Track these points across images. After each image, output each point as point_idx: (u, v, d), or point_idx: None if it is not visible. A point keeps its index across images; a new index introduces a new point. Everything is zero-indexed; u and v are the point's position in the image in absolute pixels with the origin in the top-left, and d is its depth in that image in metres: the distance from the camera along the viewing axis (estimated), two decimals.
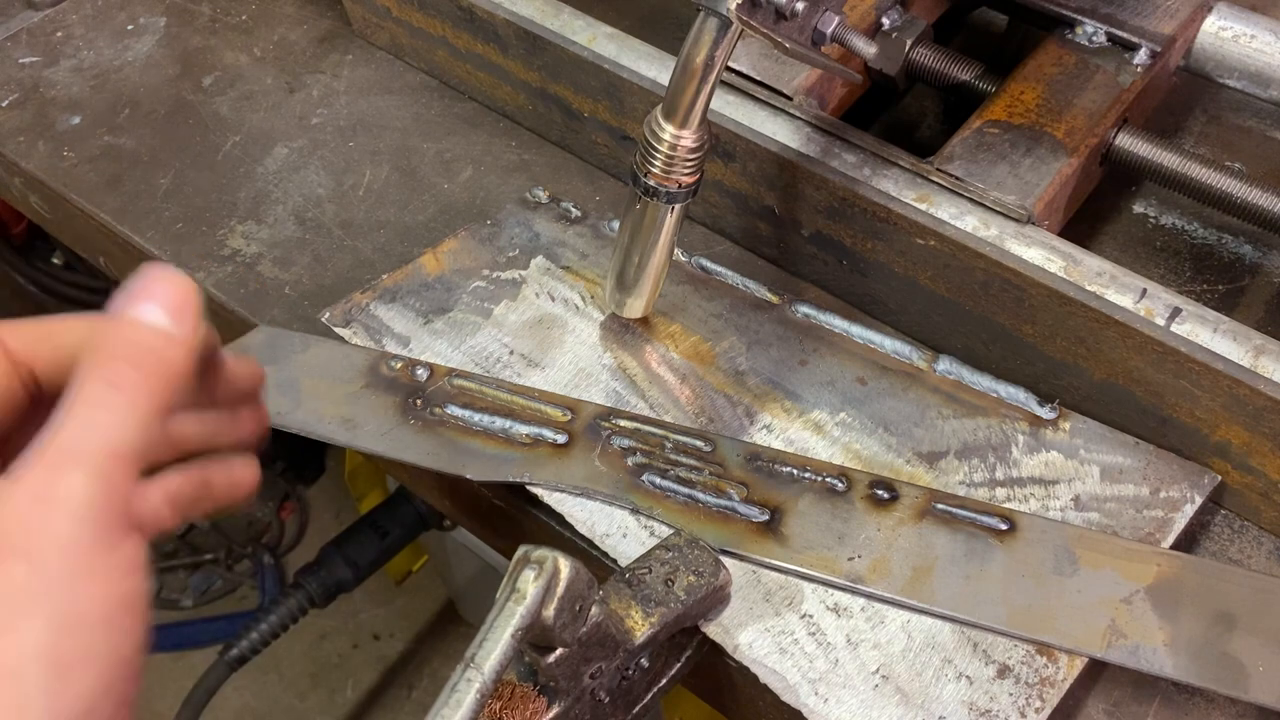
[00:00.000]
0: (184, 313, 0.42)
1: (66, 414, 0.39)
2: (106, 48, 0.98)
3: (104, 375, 0.39)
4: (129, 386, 0.39)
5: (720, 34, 0.59)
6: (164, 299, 0.42)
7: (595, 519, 0.65)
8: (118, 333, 0.41)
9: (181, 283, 0.42)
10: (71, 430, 0.38)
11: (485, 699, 0.46)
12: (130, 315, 0.41)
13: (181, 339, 0.42)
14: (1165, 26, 0.75)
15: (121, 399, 0.39)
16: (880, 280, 0.74)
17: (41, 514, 0.37)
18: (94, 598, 0.37)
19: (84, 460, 0.38)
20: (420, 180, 0.87)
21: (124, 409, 0.39)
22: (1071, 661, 0.59)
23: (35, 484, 0.37)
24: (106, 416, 0.39)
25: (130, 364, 0.40)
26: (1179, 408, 0.65)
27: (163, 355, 0.41)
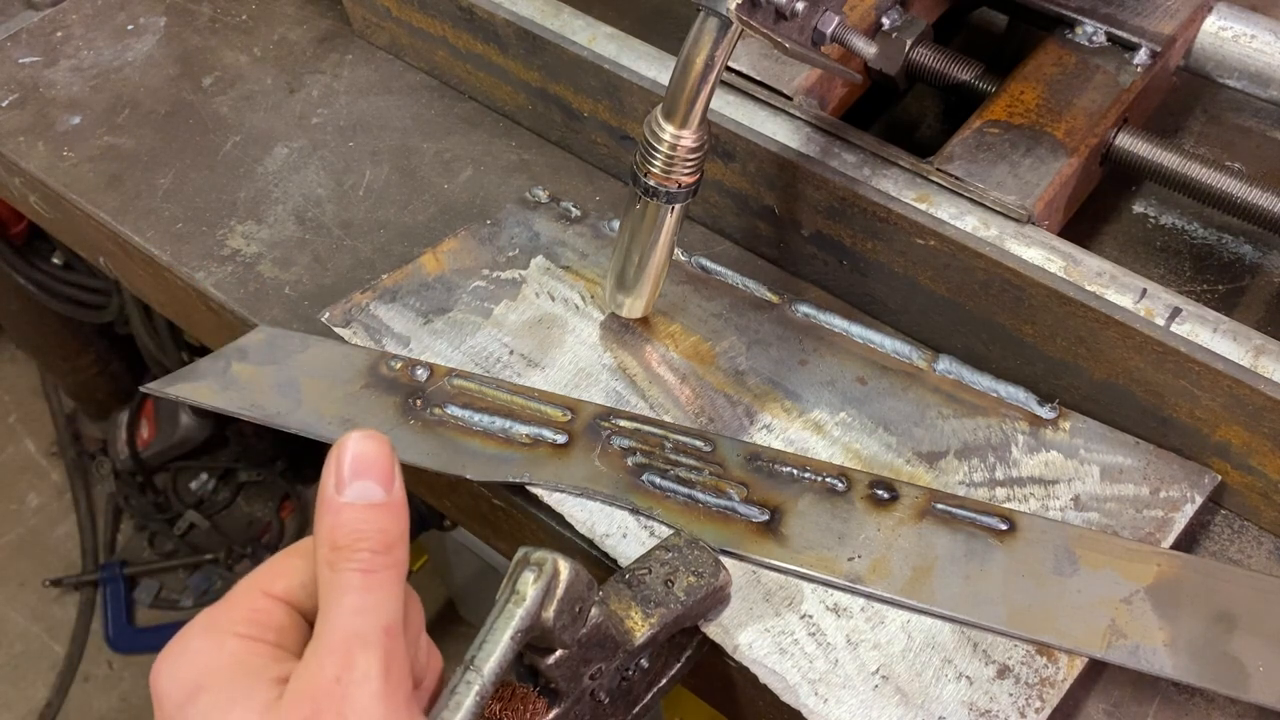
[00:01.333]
0: (390, 478, 0.46)
1: (336, 602, 0.44)
2: (106, 48, 0.98)
3: (354, 565, 0.44)
4: (378, 568, 0.44)
5: (720, 34, 0.58)
6: (370, 471, 0.46)
7: (595, 519, 0.65)
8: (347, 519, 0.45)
9: (381, 448, 0.46)
10: (348, 617, 0.43)
11: (485, 700, 0.46)
12: (349, 498, 0.45)
13: (396, 502, 0.46)
14: (1165, 26, 0.75)
15: (376, 580, 0.44)
16: (880, 280, 0.74)
17: (345, 692, 0.42)
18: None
19: (369, 640, 0.43)
20: (420, 180, 0.86)
21: (381, 589, 0.44)
22: (1071, 661, 0.59)
23: (333, 666, 0.42)
24: (371, 599, 0.44)
25: (370, 550, 0.45)
26: (1179, 408, 0.65)
27: (389, 529, 0.45)
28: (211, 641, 0.45)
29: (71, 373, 2.03)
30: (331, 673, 0.42)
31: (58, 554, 2.10)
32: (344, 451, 0.46)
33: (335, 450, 0.46)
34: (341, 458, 0.46)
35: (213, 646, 0.45)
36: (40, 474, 2.21)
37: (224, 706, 0.43)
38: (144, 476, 2.05)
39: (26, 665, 1.98)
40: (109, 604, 2.00)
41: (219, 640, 0.45)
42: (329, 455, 0.47)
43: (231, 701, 0.43)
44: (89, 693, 1.96)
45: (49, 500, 2.17)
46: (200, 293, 0.81)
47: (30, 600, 2.05)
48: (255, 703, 0.43)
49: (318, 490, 0.47)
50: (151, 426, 2.04)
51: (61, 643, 1.99)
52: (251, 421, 0.71)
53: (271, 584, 0.47)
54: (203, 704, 0.43)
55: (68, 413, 2.17)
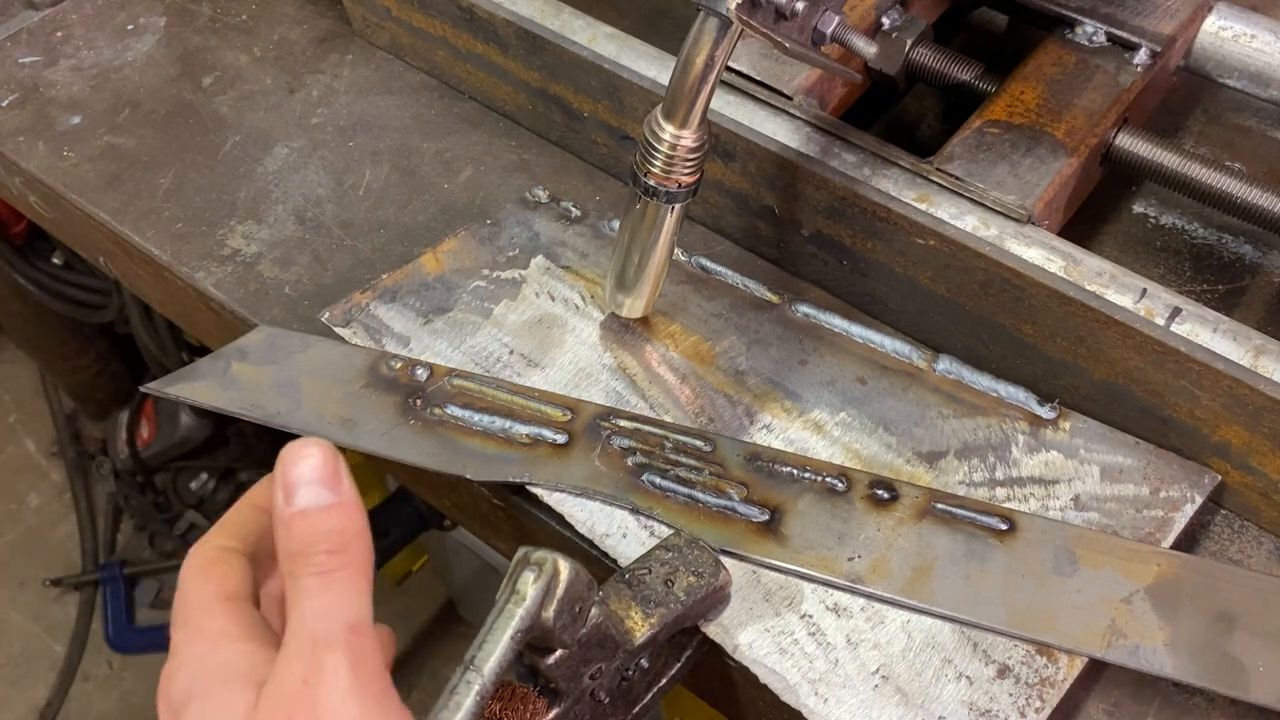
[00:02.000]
0: (337, 478, 0.46)
1: (297, 606, 0.45)
2: (106, 48, 0.98)
3: (312, 569, 0.45)
4: (335, 567, 0.45)
5: (720, 34, 0.58)
6: (314, 475, 0.46)
7: (595, 519, 0.65)
8: (297, 526, 0.46)
9: (319, 451, 0.47)
10: (312, 619, 0.44)
11: (485, 700, 0.46)
12: (297, 507, 0.46)
13: (347, 501, 0.46)
14: (1165, 26, 0.75)
15: (334, 580, 0.45)
16: (880, 280, 0.74)
17: (314, 695, 0.42)
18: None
19: (333, 641, 0.43)
20: (420, 180, 0.86)
21: (341, 588, 0.45)
22: (1071, 661, 0.59)
23: (300, 670, 0.43)
24: (330, 600, 0.44)
25: (325, 551, 0.45)
26: (1179, 407, 0.65)
27: (342, 528, 0.46)
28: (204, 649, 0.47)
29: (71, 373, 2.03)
30: (299, 675, 0.43)
31: (58, 554, 2.10)
32: (286, 463, 0.47)
33: (278, 464, 0.47)
34: (286, 470, 0.47)
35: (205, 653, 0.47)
36: (40, 474, 2.21)
37: (209, 713, 0.45)
38: (144, 476, 2.05)
39: (26, 665, 1.98)
40: (109, 604, 2.00)
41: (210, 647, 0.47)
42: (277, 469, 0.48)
43: (215, 709, 0.44)
44: (89, 693, 1.96)
45: (49, 500, 2.17)
46: (200, 293, 0.81)
47: (30, 600, 2.05)
48: (236, 709, 0.44)
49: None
50: (151, 426, 2.04)
51: (61, 643, 1.99)
52: (251, 421, 0.71)
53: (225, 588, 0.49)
54: (192, 712, 0.45)
55: (68, 413, 2.17)
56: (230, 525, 0.53)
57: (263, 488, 0.53)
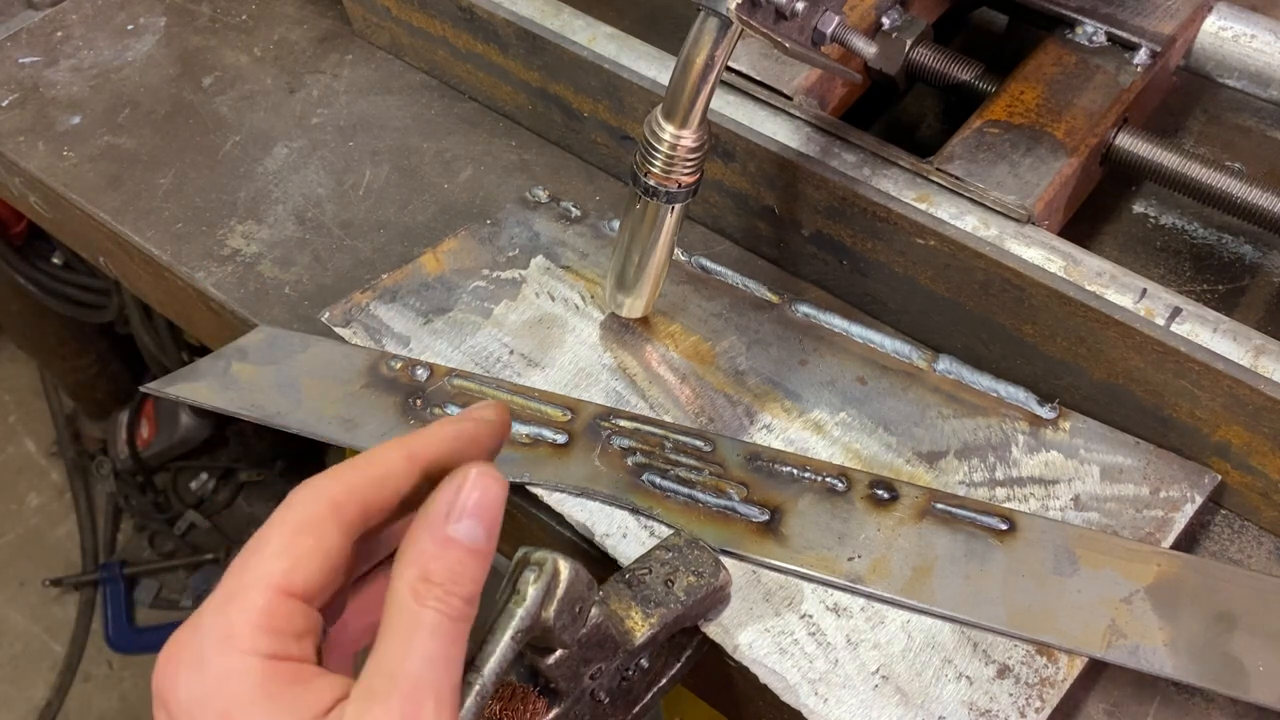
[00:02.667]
0: (495, 528, 0.44)
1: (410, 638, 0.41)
2: (106, 48, 0.98)
3: (442, 607, 0.42)
4: (464, 618, 0.42)
5: (720, 34, 0.58)
6: (485, 514, 0.43)
7: (595, 519, 0.65)
8: (449, 555, 0.43)
9: (500, 494, 0.44)
10: (423, 666, 0.41)
11: (485, 700, 0.46)
12: (453, 532, 0.43)
13: (489, 553, 0.44)
14: (1165, 26, 0.75)
15: (458, 630, 0.42)
16: (880, 280, 0.74)
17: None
18: None
19: (442, 696, 0.41)
20: (420, 180, 0.86)
21: (460, 641, 0.42)
22: (1071, 661, 0.59)
23: (396, 714, 0.40)
24: (452, 650, 0.42)
25: (461, 597, 0.42)
26: (1179, 407, 0.65)
27: (480, 579, 0.43)
28: (233, 663, 0.41)
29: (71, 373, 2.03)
30: (398, 712, 0.40)
31: (58, 554, 2.10)
32: (467, 482, 0.43)
33: (457, 477, 0.44)
34: (463, 487, 0.43)
35: (236, 670, 0.41)
36: (40, 474, 2.21)
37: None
38: (144, 476, 2.05)
39: (26, 665, 1.98)
40: (109, 604, 2.00)
41: (241, 662, 0.41)
42: (447, 478, 0.44)
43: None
44: (89, 693, 1.96)
45: (49, 500, 2.17)
46: (200, 292, 0.81)
47: (30, 600, 2.05)
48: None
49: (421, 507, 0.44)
50: (151, 426, 2.04)
51: (61, 643, 1.99)
52: (251, 421, 0.71)
53: (290, 577, 0.43)
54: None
55: (68, 413, 2.17)
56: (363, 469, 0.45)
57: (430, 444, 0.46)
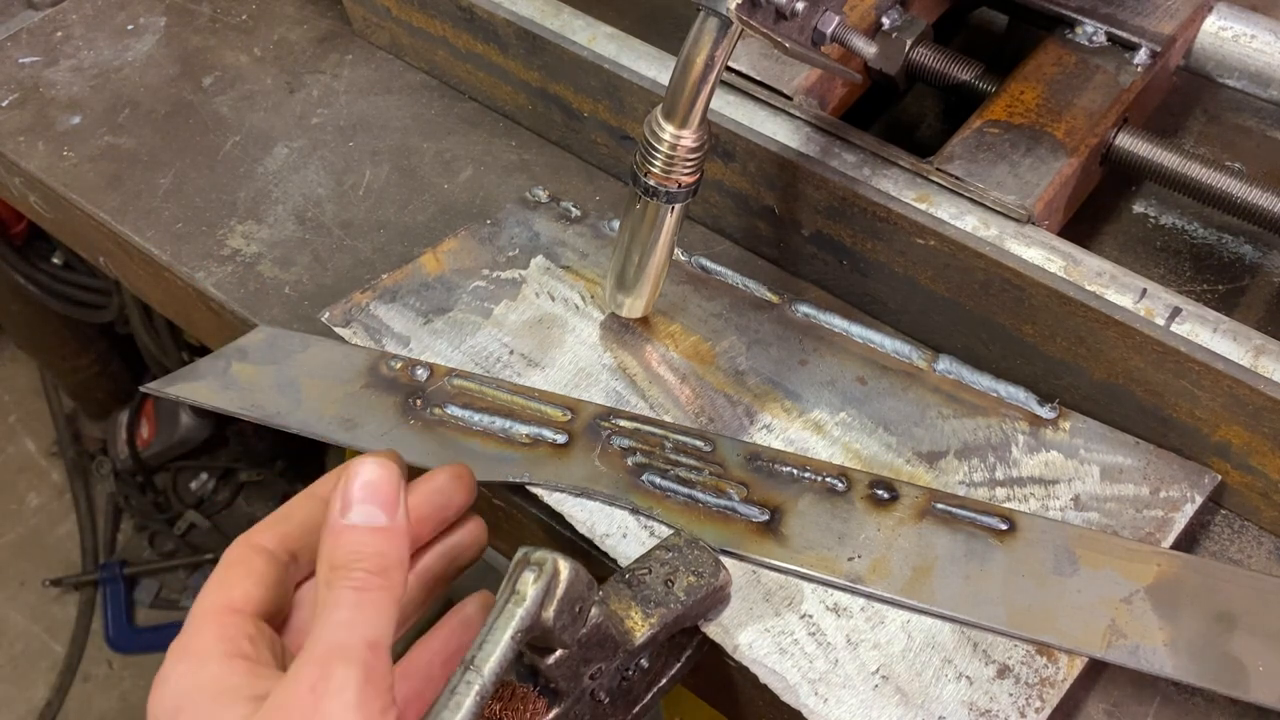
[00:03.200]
0: (394, 504, 0.48)
1: (325, 615, 0.46)
2: (106, 48, 0.98)
3: (348, 583, 0.46)
4: (371, 587, 0.46)
5: (720, 34, 0.58)
6: (372, 496, 0.48)
7: (595, 519, 0.65)
8: (346, 540, 0.47)
9: (386, 474, 0.48)
10: (333, 630, 0.45)
11: (485, 700, 0.46)
12: (350, 520, 0.47)
13: (398, 528, 0.48)
14: (1165, 26, 0.75)
15: (368, 598, 0.46)
16: (880, 280, 0.74)
17: (318, 702, 0.43)
18: None
19: (349, 653, 0.44)
20: (420, 180, 0.86)
21: (371, 607, 0.46)
22: (1071, 661, 0.59)
23: (310, 676, 0.43)
24: (358, 615, 0.45)
25: (365, 569, 0.46)
26: (1179, 407, 0.65)
27: (387, 552, 0.47)
28: (190, 665, 0.47)
29: (71, 373, 2.03)
30: (308, 683, 0.43)
31: (58, 554, 2.10)
32: (353, 476, 0.48)
33: (345, 473, 0.48)
34: (350, 481, 0.48)
35: (193, 670, 0.46)
36: (40, 474, 2.21)
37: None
38: (144, 476, 2.05)
39: (26, 665, 1.98)
40: (109, 604, 2.00)
41: (199, 664, 0.47)
42: (341, 479, 0.49)
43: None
44: (89, 693, 1.96)
45: (49, 500, 2.17)
46: (200, 293, 0.81)
47: (30, 600, 2.05)
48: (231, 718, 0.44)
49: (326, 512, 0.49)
50: (151, 426, 2.04)
51: (61, 643, 1.99)
52: (251, 421, 0.71)
53: (229, 597, 0.49)
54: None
55: (68, 413, 2.17)
56: (281, 517, 0.53)
57: (329, 480, 0.53)
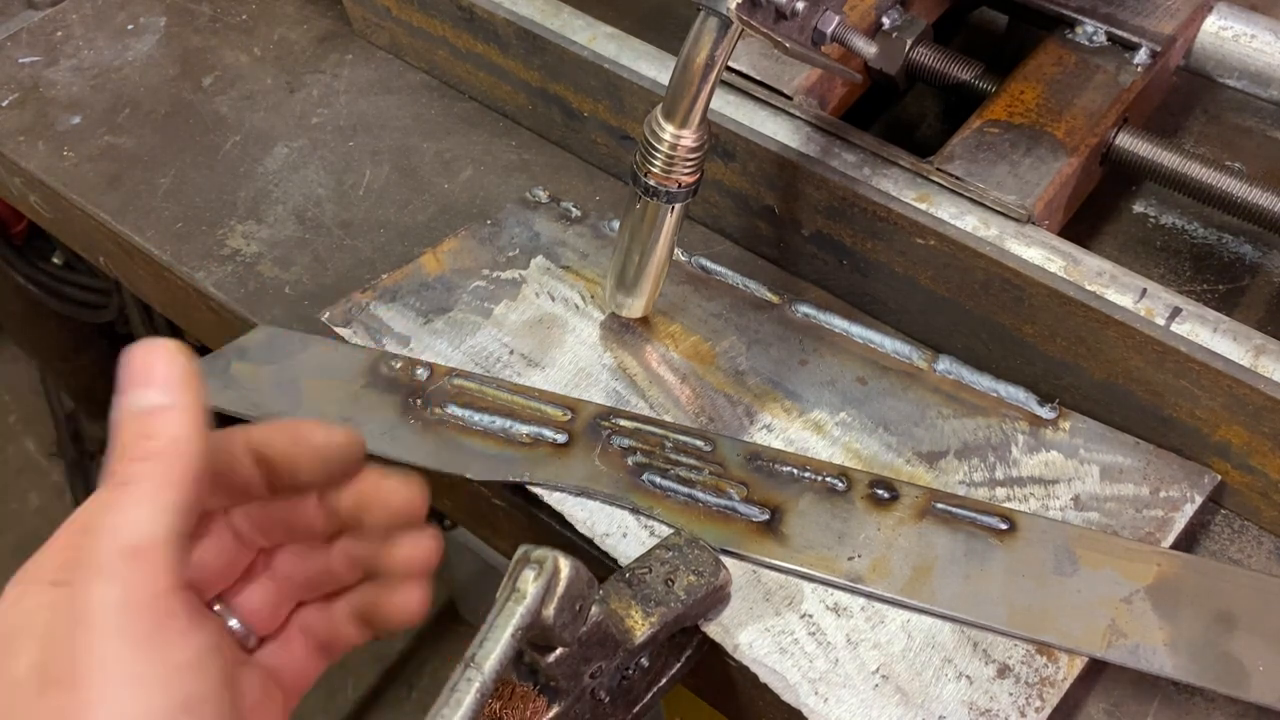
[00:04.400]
0: (177, 382, 0.41)
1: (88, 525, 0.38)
2: (106, 47, 0.98)
3: (114, 479, 0.39)
4: (139, 478, 0.39)
5: (720, 34, 0.58)
6: (153, 376, 0.41)
7: (595, 519, 0.65)
8: (120, 431, 0.40)
9: (165, 352, 0.41)
10: (92, 540, 0.38)
11: (485, 699, 0.46)
12: (124, 408, 0.40)
13: (183, 406, 0.40)
14: (1165, 26, 0.75)
15: (132, 494, 0.39)
16: (880, 280, 0.74)
17: (75, 634, 0.36)
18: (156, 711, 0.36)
19: (103, 567, 0.37)
20: (420, 180, 0.86)
21: (136, 504, 0.38)
22: (1071, 661, 0.59)
23: (71, 602, 0.37)
24: (118, 517, 0.38)
25: (135, 458, 0.39)
26: (1179, 407, 0.65)
27: (167, 434, 0.40)
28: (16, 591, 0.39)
29: (71, 373, 2.02)
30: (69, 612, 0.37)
31: None
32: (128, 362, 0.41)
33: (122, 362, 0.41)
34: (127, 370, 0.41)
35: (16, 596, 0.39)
36: (40, 474, 2.21)
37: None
38: None
39: None
40: None
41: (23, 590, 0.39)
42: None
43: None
44: None
45: (49, 500, 2.17)
46: (200, 292, 0.81)
47: None
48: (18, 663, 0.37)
49: None
50: None
51: None
52: (251, 421, 0.71)
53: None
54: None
55: (68, 413, 2.17)
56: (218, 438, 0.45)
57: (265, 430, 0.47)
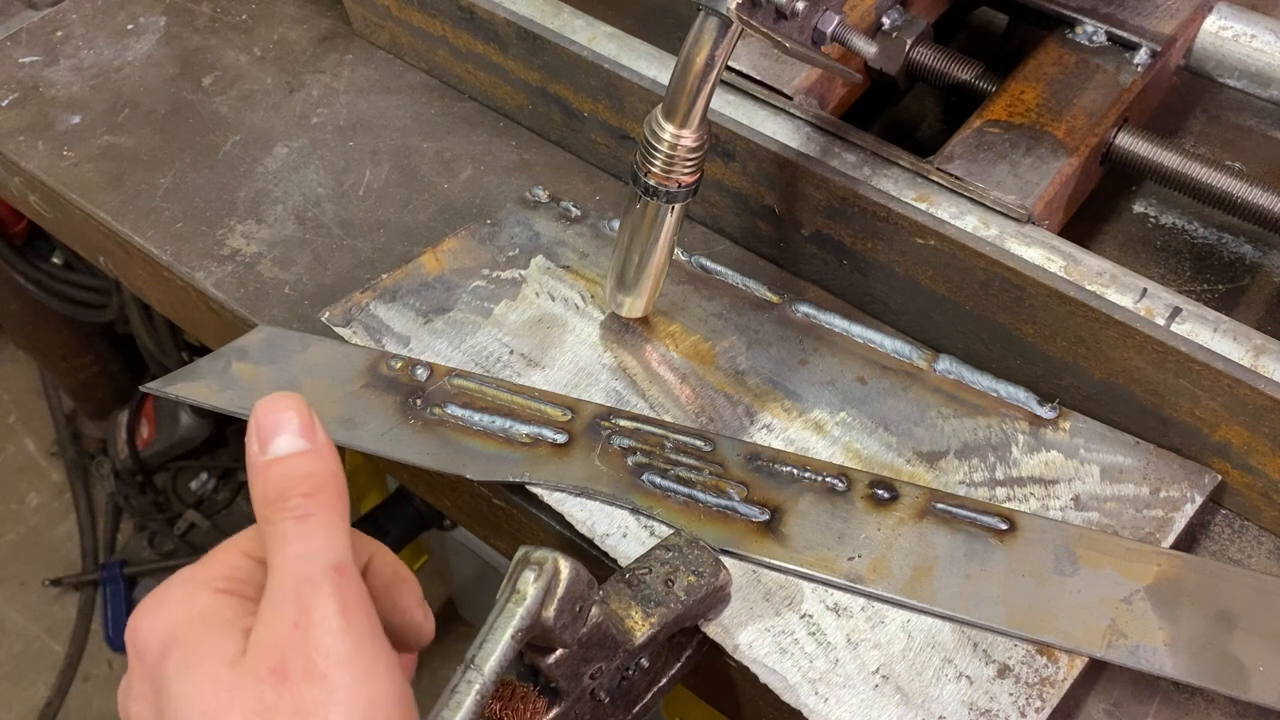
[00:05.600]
0: (311, 429, 0.47)
1: (278, 553, 0.45)
2: (106, 47, 0.98)
3: (289, 514, 0.45)
4: (311, 511, 0.45)
5: (720, 34, 0.58)
6: (286, 425, 0.47)
7: (595, 519, 0.65)
8: (273, 474, 0.46)
9: (290, 402, 0.48)
10: (293, 563, 0.44)
11: (485, 700, 0.46)
12: (270, 456, 0.47)
13: (321, 447, 0.47)
14: (1165, 26, 0.75)
15: (313, 524, 0.45)
16: (880, 280, 0.74)
17: (307, 636, 0.42)
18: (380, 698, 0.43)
19: (318, 582, 0.43)
20: (420, 180, 0.86)
21: (320, 532, 0.45)
22: (1071, 661, 0.59)
23: (290, 613, 0.43)
24: (312, 543, 0.44)
25: (301, 494, 0.45)
26: (1179, 407, 0.65)
27: (316, 472, 0.46)
28: (185, 593, 0.46)
29: (71, 373, 2.03)
30: (289, 619, 0.43)
31: (58, 554, 2.10)
32: (260, 415, 0.47)
33: (252, 417, 0.47)
34: (259, 422, 0.47)
35: (186, 597, 0.46)
36: (40, 474, 2.21)
37: (193, 661, 0.43)
38: (144, 476, 2.05)
39: (26, 665, 1.98)
40: (109, 604, 2.00)
41: (193, 592, 0.46)
42: (250, 423, 0.48)
43: (200, 655, 0.44)
44: (89, 692, 1.96)
45: (49, 500, 2.17)
46: (200, 292, 0.81)
47: (30, 600, 2.05)
48: (224, 656, 0.43)
49: None
50: (151, 426, 2.04)
51: (61, 642, 1.99)
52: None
53: (251, 546, 0.48)
54: (175, 659, 0.44)
55: (68, 413, 2.17)
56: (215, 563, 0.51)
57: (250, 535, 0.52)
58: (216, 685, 0.42)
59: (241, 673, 0.42)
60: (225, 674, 0.43)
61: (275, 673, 0.42)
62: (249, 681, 0.42)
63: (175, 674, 0.43)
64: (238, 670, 0.43)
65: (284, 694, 0.42)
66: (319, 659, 0.42)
